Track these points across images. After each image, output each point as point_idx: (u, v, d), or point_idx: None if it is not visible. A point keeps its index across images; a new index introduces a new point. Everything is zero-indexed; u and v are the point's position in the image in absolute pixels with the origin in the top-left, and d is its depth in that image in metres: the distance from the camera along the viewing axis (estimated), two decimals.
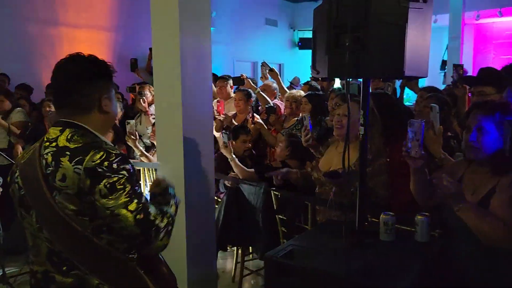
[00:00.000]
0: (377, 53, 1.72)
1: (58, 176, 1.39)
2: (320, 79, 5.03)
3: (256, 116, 4.19)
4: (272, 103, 4.60)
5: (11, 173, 1.56)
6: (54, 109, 4.41)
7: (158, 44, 2.55)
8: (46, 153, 1.44)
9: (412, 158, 1.96)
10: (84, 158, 1.38)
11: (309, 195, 2.86)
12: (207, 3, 2.56)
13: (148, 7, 2.51)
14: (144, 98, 4.98)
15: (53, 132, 1.49)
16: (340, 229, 2.06)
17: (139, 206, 1.40)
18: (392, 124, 2.60)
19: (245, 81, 5.13)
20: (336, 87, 4.21)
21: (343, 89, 3.84)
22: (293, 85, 6.47)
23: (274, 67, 5.14)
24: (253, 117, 4.13)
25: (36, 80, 6.10)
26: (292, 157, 3.35)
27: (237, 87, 5.18)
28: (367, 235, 2.06)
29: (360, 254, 1.93)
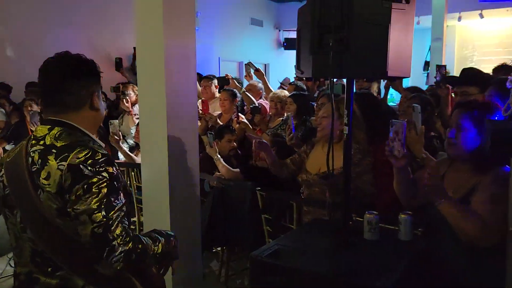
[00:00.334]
0: (360, 53, 1.73)
1: (43, 174, 1.38)
2: (304, 79, 5.09)
3: (241, 116, 4.19)
4: (257, 103, 4.60)
5: None
6: (35, 108, 4.37)
7: (141, 43, 2.53)
8: (32, 151, 1.43)
9: (394, 157, 1.98)
10: (69, 155, 1.38)
11: (294, 195, 2.86)
12: (192, 2, 2.55)
13: (133, 6, 2.49)
14: (127, 98, 4.93)
15: (41, 130, 1.48)
16: (324, 228, 2.07)
17: (103, 220, 1.35)
18: (376, 124, 2.62)
19: (230, 81, 5.12)
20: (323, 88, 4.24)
21: (327, 89, 3.87)
22: (283, 85, 6.48)
23: (259, 67, 5.14)
24: (238, 117, 4.12)
25: (16, 79, 6.00)
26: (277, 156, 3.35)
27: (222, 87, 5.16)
28: (351, 235, 2.07)
29: (344, 253, 1.94)
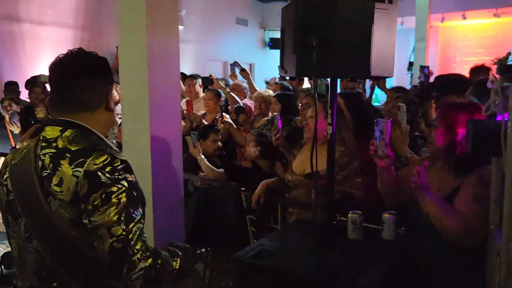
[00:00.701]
0: (344, 53, 1.74)
1: (54, 180, 1.25)
2: (288, 78, 5.09)
3: (225, 115, 4.17)
4: (242, 103, 4.59)
5: None
6: (14, 108, 4.27)
7: (124, 42, 2.49)
8: (43, 154, 1.30)
9: (379, 157, 1.99)
10: (85, 160, 1.25)
11: (278, 195, 2.85)
12: (175, 1, 2.52)
13: (115, 4, 2.45)
14: None
15: (52, 131, 1.35)
16: (309, 228, 2.07)
17: (123, 233, 1.23)
18: (361, 123, 2.63)
19: (214, 81, 5.10)
20: (305, 87, 4.24)
21: (311, 89, 3.87)
22: (269, 85, 6.49)
23: (245, 66, 5.13)
24: (223, 116, 4.10)
25: None
26: (261, 157, 3.34)
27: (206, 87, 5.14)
28: (335, 234, 2.07)
29: (328, 253, 1.95)
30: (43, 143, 1.33)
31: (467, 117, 1.85)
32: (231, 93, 4.72)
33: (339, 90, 3.54)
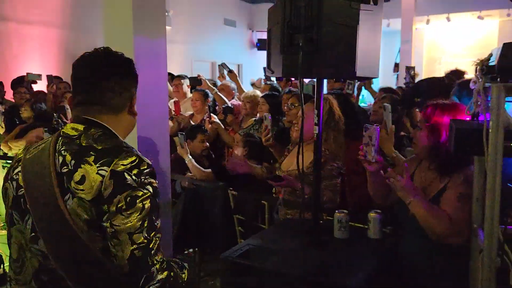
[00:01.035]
0: (329, 53, 1.75)
1: (76, 177, 1.19)
2: (274, 79, 5.11)
3: (213, 116, 4.17)
4: (230, 104, 4.59)
5: (10, 169, 1.34)
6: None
7: (110, 42, 2.47)
8: (64, 150, 1.25)
9: (368, 162, 2.00)
10: (112, 159, 1.21)
11: (265, 194, 2.87)
12: (162, 1, 2.51)
13: (101, 4, 2.44)
14: None
15: (74, 128, 1.29)
16: (295, 228, 2.08)
17: (144, 241, 1.18)
18: (349, 123, 2.65)
19: (202, 82, 5.10)
20: (287, 89, 4.26)
21: (295, 90, 3.89)
22: (256, 86, 6.48)
23: (233, 67, 5.13)
24: (210, 117, 4.10)
25: None
26: (249, 157, 3.35)
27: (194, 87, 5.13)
28: (322, 234, 2.08)
29: (314, 252, 1.96)
30: (65, 139, 1.28)
31: (450, 118, 1.87)
32: (219, 93, 4.73)
33: (325, 90, 3.58)
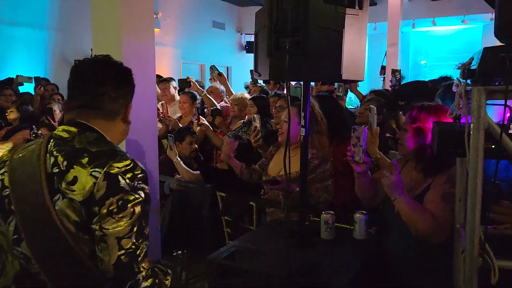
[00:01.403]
0: (316, 57, 1.77)
1: (68, 177, 1.19)
2: (262, 82, 5.13)
3: (201, 118, 4.18)
4: (219, 106, 4.60)
5: None
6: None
7: (98, 44, 2.47)
8: (56, 151, 1.24)
9: (356, 162, 2.03)
10: (107, 162, 1.21)
11: (254, 196, 2.88)
12: (150, 3, 2.52)
13: (89, 5, 2.44)
14: None
15: (66, 130, 1.30)
16: (282, 229, 2.09)
17: (132, 247, 1.18)
18: (335, 125, 2.68)
19: (191, 84, 5.09)
20: (273, 92, 4.29)
21: (281, 92, 3.92)
22: (250, 88, 6.50)
23: (221, 70, 5.15)
24: (199, 119, 4.11)
25: None
26: (237, 159, 3.36)
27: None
28: (308, 235, 2.11)
29: (300, 253, 1.97)
30: (57, 140, 1.28)
31: (434, 120, 1.91)
32: (208, 95, 4.73)
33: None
